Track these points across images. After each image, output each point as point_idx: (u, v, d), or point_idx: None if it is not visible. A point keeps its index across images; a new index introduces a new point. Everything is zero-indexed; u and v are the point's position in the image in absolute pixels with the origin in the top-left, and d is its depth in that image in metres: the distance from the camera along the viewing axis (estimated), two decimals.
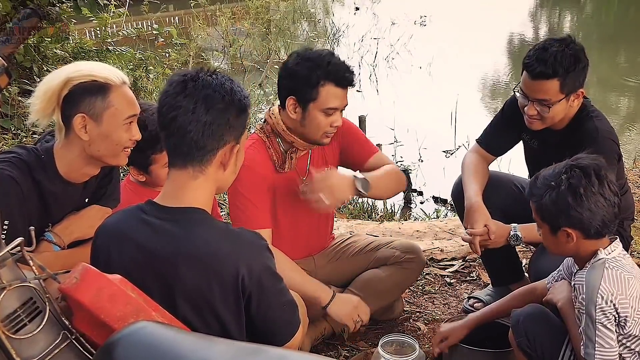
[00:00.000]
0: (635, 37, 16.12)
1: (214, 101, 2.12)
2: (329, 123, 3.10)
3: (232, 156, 2.19)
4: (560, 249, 2.57)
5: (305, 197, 3.07)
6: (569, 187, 2.42)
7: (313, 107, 3.08)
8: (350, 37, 15.21)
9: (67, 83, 2.50)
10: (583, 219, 2.41)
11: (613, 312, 2.35)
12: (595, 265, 2.45)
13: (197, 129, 2.11)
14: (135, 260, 2.14)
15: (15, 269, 1.86)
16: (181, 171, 2.16)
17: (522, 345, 2.66)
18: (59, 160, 2.61)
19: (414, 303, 3.93)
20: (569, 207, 2.41)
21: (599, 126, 3.19)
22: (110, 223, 2.28)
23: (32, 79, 6.44)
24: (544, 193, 2.48)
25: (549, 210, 2.47)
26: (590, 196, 2.40)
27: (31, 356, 1.83)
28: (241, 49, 13.19)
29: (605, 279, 2.38)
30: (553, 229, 2.51)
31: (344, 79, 3.08)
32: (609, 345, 2.36)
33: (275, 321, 2.23)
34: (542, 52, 3.09)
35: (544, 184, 2.50)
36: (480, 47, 14.57)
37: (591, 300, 2.37)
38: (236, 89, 2.18)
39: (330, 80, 3.05)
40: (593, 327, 2.37)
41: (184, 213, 2.15)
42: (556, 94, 3.09)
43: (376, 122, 8.73)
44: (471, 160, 3.61)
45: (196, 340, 1.60)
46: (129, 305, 1.89)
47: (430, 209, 6.83)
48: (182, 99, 2.11)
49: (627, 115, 10.47)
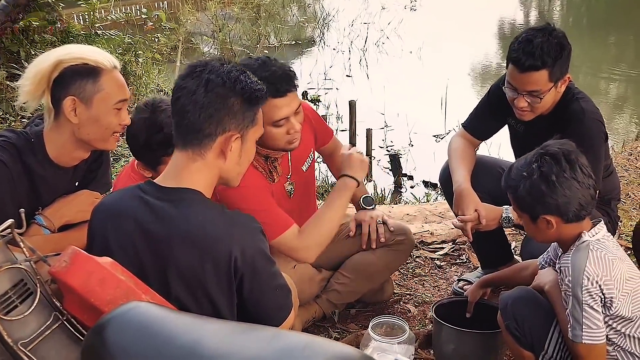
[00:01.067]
0: (625, 21, 16.13)
1: (213, 85, 2.15)
2: (284, 132, 3.02)
3: (231, 146, 2.19)
4: (543, 236, 2.58)
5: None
6: (540, 175, 2.43)
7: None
8: (340, 22, 15.20)
9: (57, 65, 2.49)
10: (559, 205, 2.42)
11: (599, 293, 2.37)
12: (580, 248, 2.46)
13: (195, 110, 2.15)
14: (131, 237, 2.17)
15: (5, 251, 1.87)
16: (182, 153, 2.21)
17: (510, 328, 2.67)
18: (49, 143, 2.61)
19: (404, 285, 3.95)
20: (543, 195, 2.42)
21: (584, 107, 3.20)
22: (108, 201, 2.31)
23: (19, 63, 6.40)
24: (518, 184, 2.49)
25: (525, 200, 2.49)
26: (563, 182, 2.41)
27: (22, 337, 1.84)
28: (231, 33, 13.14)
29: (591, 261, 2.39)
30: (532, 217, 2.52)
31: (277, 90, 2.91)
32: (596, 326, 2.37)
33: (267, 304, 2.24)
34: (527, 45, 3.07)
35: (517, 174, 2.51)
36: (470, 32, 14.57)
37: (577, 282, 2.38)
38: (242, 79, 2.19)
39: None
40: (580, 309, 2.38)
41: (181, 193, 2.18)
42: (546, 83, 3.09)
43: (366, 107, 8.75)
44: (458, 145, 3.61)
45: (188, 320, 1.61)
46: (118, 288, 1.90)
47: (420, 193, 6.86)
48: (188, 81, 2.18)
49: (617, 100, 10.51)
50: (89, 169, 2.84)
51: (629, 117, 9.59)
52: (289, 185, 3.29)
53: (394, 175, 7.31)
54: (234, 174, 2.29)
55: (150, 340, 1.49)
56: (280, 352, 1.41)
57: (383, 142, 8.32)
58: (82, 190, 2.80)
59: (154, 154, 2.94)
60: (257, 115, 2.26)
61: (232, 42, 12.79)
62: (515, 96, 3.17)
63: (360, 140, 8.11)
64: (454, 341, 3.05)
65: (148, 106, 2.96)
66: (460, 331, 3.00)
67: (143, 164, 3.04)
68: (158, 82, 8.31)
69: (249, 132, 2.24)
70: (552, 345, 2.59)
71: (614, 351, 2.47)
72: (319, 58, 12.52)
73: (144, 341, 1.49)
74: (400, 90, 10.29)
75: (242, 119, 2.20)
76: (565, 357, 2.56)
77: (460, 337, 3.01)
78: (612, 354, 2.47)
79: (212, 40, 13.20)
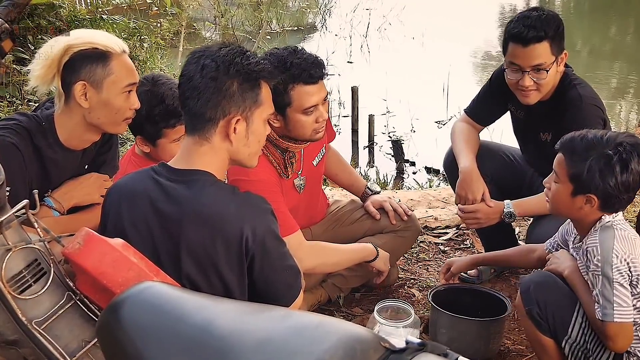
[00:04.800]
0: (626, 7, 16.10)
1: (208, 69, 2.17)
2: (313, 120, 3.03)
3: (234, 128, 2.20)
4: (569, 211, 2.57)
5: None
6: (620, 159, 2.40)
7: (291, 112, 3.00)
8: (342, 8, 15.18)
9: (67, 50, 2.51)
10: (614, 192, 2.41)
11: (627, 271, 2.38)
12: (605, 228, 2.47)
13: (193, 96, 2.18)
14: (145, 217, 2.20)
15: (20, 231, 1.89)
16: (190, 137, 2.24)
17: (532, 313, 2.63)
18: (60, 127, 2.63)
19: (409, 270, 3.97)
20: (612, 178, 2.40)
21: (582, 93, 3.21)
22: (122, 182, 2.35)
23: (26, 47, 6.41)
24: (589, 155, 2.43)
25: (589, 172, 2.42)
26: (634, 173, 2.41)
27: (36, 316, 1.86)
28: (233, 19, 13.12)
29: (618, 239, 2.41)
30: (577, 190, 2.48)
31: (311, 76, 2.95)
32: (626, 304, 2.38)
33: (277, 284, 2.27)
34: (525, 20, 3.10)
35: (592, 147, 2.45)
36: (472, 19, 14.55)
37: (607, 260, 2.39)
38: (237, 61, 2.20)
39: (298, 82, 2.95)
40: (610, 287, 2.38)
41: (192, 175, 2.21)
42: (549, 56, 3.10)
43: (368, 93, 8.75)
44: (462, 129, 3.63)
45: (201, 299, 1.63)
46: (130, 271, 1.91)
47: (422, 179, 6.87)
48: (188, 68, 2.21)
49: (618, 86, 10.50)
50: (98, 153, 2.87)
51: (630, 103, 9.59)
52: (299, 181, 3.30)
53: (396, 161, 7.34)
54: (245, 155, 2.30)
55: (165, 319, 1.51)
56: (293, 330, 1.42)
57: (385, 128, 8.33)
58: (91, 172, 2.83)
59: (156, 125, 2.94)
60: (260, 95, 2.25)
61: (234, 27, 12.78)
62: (520, 77, 3.17)
63: (363, 126, 8.14)
64: (449, 327, 3.07)
65: (148, 80, 2.98)
66: (456, 317, 3.01)
67: (143, 138, 3.04)
68: (161, 66, 8.31)
69: (253, 113, 2.24)
70: (576, 329, 2.58)
71: (637, 331, 2.47)
72: (321, 44, 12.50)
73: (158, 319, 1.51)
74: (402, 76, 10.29)
75: (243, 100, 2.20)
76: (590, 342, 2.56)
77: (456, 323, 3.03)
78: (634, 334, 2.47)
79: (214, 25, 13.19)
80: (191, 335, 1.46)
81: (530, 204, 3.28)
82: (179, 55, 9.58)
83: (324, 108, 3.06)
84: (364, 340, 1.29)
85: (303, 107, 2.98)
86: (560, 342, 2.62)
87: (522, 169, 3.60)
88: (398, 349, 1.20)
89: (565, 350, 2.62)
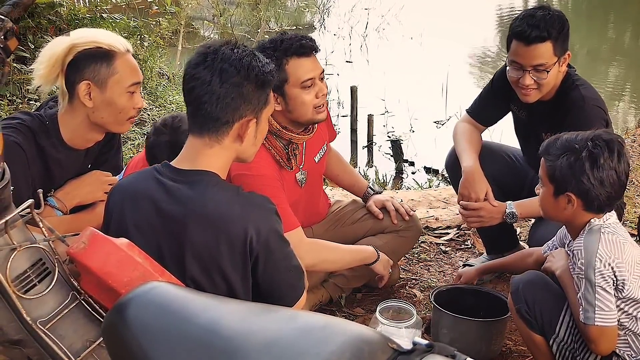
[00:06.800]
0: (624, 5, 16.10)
1: (228, 75, 2.18)
2: (313, 96, 3.03)
3: (249, 129, 2.23)
4: (556, 213, 2.59)
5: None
6: (590, 154, 2.42)
7: (289, 88, 3.00)
8: (341, 7, 15.14)
9: (71, 49, 2.51)
10: (591, 190, 2.43)
11: (611, 276, 2.39)
12: (592, 231, 2.48)
13: (212, 101, 2.18)
14: (148, 218, 2.20)
15: (25, 231, 1.89)
16: (198, 139, 2.23)
17: (521, 311, 2.67)
18: (63, 126, 2.63)
19: (410, 270, 3.97)
20: (582, 173, 2.42)
21: (585, 94, 3.21)
22: (125, 182, 2.36)
23: (26, 45, 6.38)
24: (562, 154, 2.47)
25: (562, 171, 2.46)
26: (606, 169, 2.42)
27: (41, 316, 1.86)
28: (231, 18, 13.10)
29: (603, 243, 2.42)
30: (557, 191, 2.51)
31: (302, 47, 3.00)
32: (609, 309, 2.39)
33: (281, 284, 2.27)
34: (530, 19, 3.09)
35: (564, 146, 2.49)
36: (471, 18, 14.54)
37: (590, 264, 2.40)
38: (255, 64, 2.22)
39: (291, 55, 2.98)
40: (592, 291, 2.39)
41: (196, 175, 2.21)
42: (551, 56, 3.10)
43: (367, 93, 8.74)
44: (464, 129, 3.62)
45: (206, 299, 1.63)
46: (135, 270, 1.92)
47: (422, 179, 6.86)
48: (201, 71, 2.19)
49: (616, 86, 10.50)
50: (100, 152, 2.87)
51: (628, 103, 9.60)
52: (300, 175, 3.29)
53: (395, 161, 7.33)
54: (250, 153, 2.34)
55: (171, 319, 1.51)
56: (300, 331, 1.42)
57: (384, 127, 8.32)
58: (93, 171, 2.83)
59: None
60: (269, 95, 2.29)
61: (233, 26, 12.76)
62: (520, 75, 3.16)
63: (362, 125, 8.12)
64: (451, 328, 3.07)
65: (167, 127, 2.90)
66: (458, 318, 3.02)
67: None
68: (160, 65, 8.29)
69: (262, 112, 2.28)
70: (564, 328, 2.60)
71: (625, 335, 2.48)
72: (320, 43, 12.42)
73: (164, 320, 1.51)
74: (401, 76, 10.28)
75: (257, 102, 2.23)
76: (577, 341, 2.57)
77: (458, 324, 3.04)
78: (622, 338, 2.48)
79: (212, 24, 13.17)
80: (198, 336, 1.46)
81: (532, 205, 3.27)
82: (177, 54, 9.56)
83: (322, 84, 3.08)
84: (371, 341, 1.29)
85: (300, 80, 2.99)
86: (549, 341, 2.64)
87: (523, 169, 3.60)
88: (406, 350, 1.20)
89: (553, 349, 2.64)
